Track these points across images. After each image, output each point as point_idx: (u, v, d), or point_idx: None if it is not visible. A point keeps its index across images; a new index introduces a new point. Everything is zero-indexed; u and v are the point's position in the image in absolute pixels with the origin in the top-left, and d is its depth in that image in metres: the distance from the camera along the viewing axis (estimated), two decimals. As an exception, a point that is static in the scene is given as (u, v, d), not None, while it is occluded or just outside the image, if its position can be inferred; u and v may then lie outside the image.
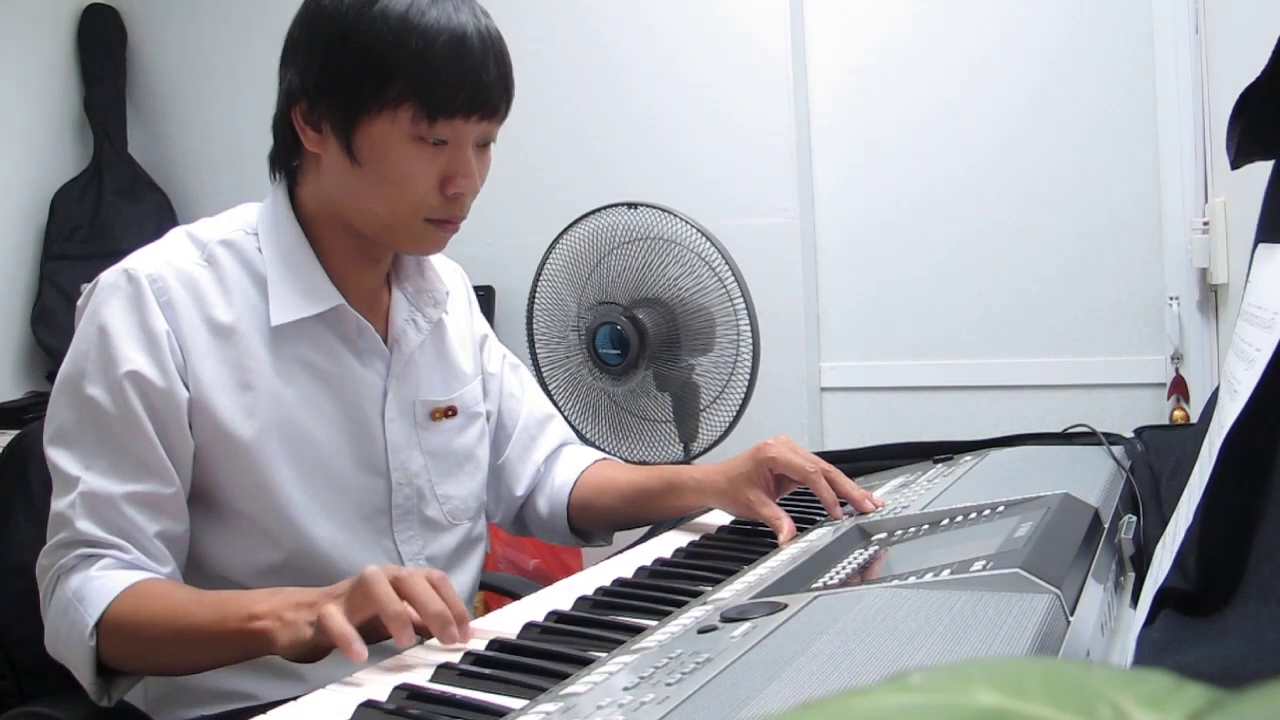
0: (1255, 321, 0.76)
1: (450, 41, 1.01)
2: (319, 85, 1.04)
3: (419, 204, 1.06)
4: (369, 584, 0.82)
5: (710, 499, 1.21)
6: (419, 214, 1.07)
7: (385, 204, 1.06)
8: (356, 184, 1.05)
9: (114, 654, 0.96)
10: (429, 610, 0.82)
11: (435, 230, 1.09)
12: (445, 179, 1.05)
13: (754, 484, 1.15)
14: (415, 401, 1.18)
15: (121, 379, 1.00)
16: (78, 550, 0.98)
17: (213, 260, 1.08)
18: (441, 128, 1.03)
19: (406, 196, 1.05)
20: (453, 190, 1.06)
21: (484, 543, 1.28)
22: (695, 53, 2.47)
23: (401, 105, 1.01)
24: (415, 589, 0.82)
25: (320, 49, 1.04)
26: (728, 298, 1.94)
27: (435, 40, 1.00)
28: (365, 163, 1.04)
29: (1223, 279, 1.89)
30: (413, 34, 1.00)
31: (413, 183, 1.04)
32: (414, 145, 1.03)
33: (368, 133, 1.03)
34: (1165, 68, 2.05)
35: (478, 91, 1.03)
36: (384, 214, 1.07)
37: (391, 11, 1.01)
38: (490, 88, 1.04)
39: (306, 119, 1.05)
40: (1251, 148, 0.83)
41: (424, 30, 1.00)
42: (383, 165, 1.04)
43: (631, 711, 0.61)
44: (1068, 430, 1.43)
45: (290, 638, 0.84)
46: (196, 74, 3.14)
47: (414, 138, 1.03)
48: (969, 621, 0.67)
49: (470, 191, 1.07)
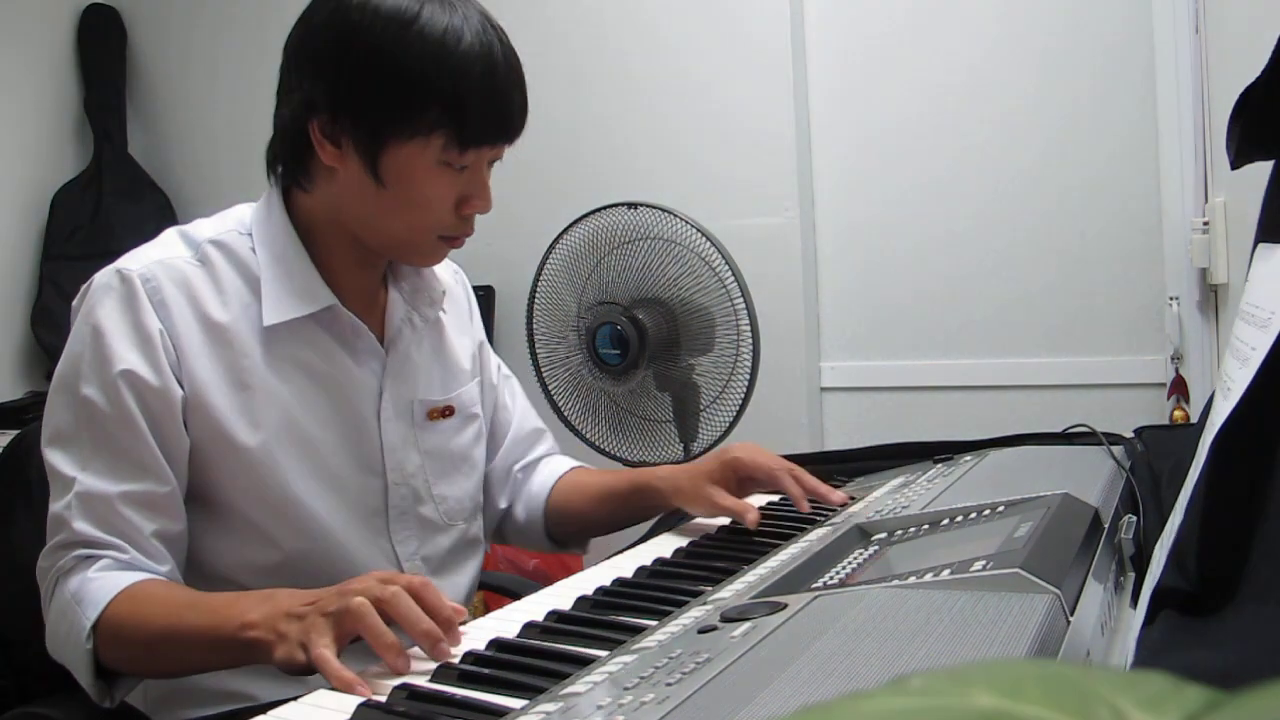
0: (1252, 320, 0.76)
1: (484, 72, 1.02)
2: (346, 103, 1.03)
3: (435, 225, 1.08)
4: (358, 616, 0.81)
5: (674, 498, 1.23)
6: (434, 233, 1.09)
7: (404, 224, 1.07)
8: (376, 204, 1.06)
9: (111, 656, 0.96)
10: (417, 630, 0.82)
11: (445, 246, 1.12)
12: (462, 200, 1.07)
13: (715, 482, 1.19)
14: (414, 401, 1.18)
15: (116, 378, 1.00)
16: (75, 551, 0.98)
17: (206, 260, 1.08)
18: (469, 155, 1.04)
19: (427, 218, 1.07)
20: (468, 210, 1.08)
21: (481, 545, 1.28)
22: (695, 53, 2.47)
23: (435, 133, 1.02)
24: (401, 608, 0.82)
25: (351, 67, 1.02)
26: (728, 298, 1.93)
27: (470, 70, 1.01)
28: (390, 185, 1.04)
29: (1222, 279, 1.89)
30: (449, 62, 1.00)
31: (434, 206, 1.06)
32: (440, 170, 1.04)
33: (395, 156, 1.03)
34: (1165, 68, 2.04)
35: (506, 120, 1.05)
36: (401, 233, 1.08)
37: (429, 36, 1.00)
38: (515, 116, 1.06)
39: (326, 133, 1.04)
40: (1251, 148, 0.83)
41: (459, 59, 1.01)
42: (408, 189, 1.05)
43: (631, 711, 0.61)
44: (1068, 430, 1.43)
45: (283, 655, 0.84)
46: (196, 74, 3.14)
47: (441, 164, 1.04)
48: (969, 621, 0.67)
49: (485, 212, 1.10)
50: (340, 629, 0.83)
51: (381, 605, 0.82)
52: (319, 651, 0.81)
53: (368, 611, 0.81)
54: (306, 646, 0.82)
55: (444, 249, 1.12)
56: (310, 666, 0.82)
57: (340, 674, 0.78)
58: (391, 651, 0.80)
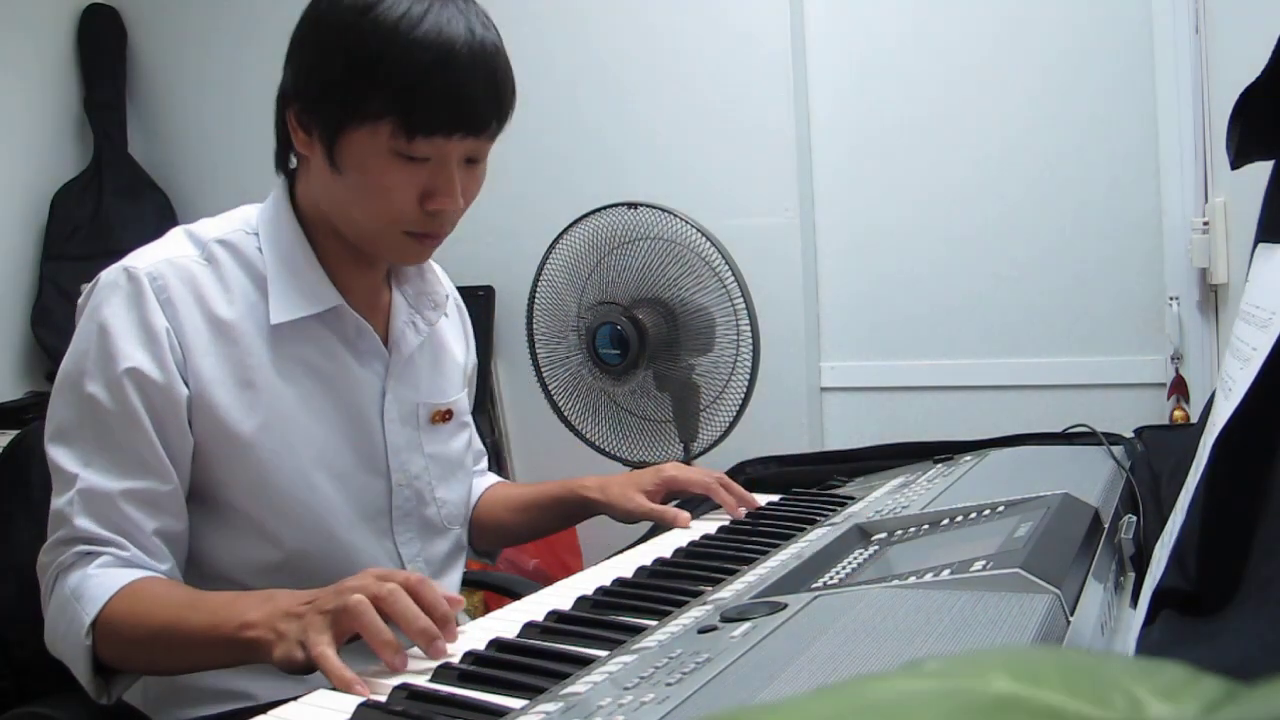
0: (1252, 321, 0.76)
1: (435, 59, 0.99)
2: (308, 90, 1.04)
3: (397, 217, 1.05)
4: (356, 614, 0.81)
5: (603, 502, 1.30)
6: (397, 226, 1.06)
7: (363, 213, 1.06)
8: (338, 191, 1.06)
9: (110, 653, 0.96)
10: (413, 628, 0.82)
11: (414, 243, 1.08)
12: (426, 194, 1.04)
13: (644, 490, 1.29)
14: (418, 404, 1.18)
15: (121, 376, 1.00)
16: (76, 547, 0.98)
17: (212, 259, 1.08)
18: (421, 145, 1.01)
19: (384, 209, 1.05)
20: (433, 206, 1.05)
21: (465, 551, 1.30)
22: (695, 53, 2.47)
23: (381, 120, 1.00)
24: (398, 606, 0.82)
25: (312, 54, 1.04)
26: (728, 298, 1.94)
27: (419, 57, 0.99)
28: (345, 171, 1.04)
29: (1223, 279, 1.89)
30: (396, 48, 0.98)
31: (391, 196, 1.03)
32: (393, 160, 1.02)
33: (348, 142, 1.02)
34: (1165, 68, 2.04)
35: (461, 110, 1.01)
36: (362, 222, 1.07)
37: (382, 24, 0.99)
38: (476, 106, 1.02)
39: (299, 121, 1.05)
40: (1251, 148, 0.83)
41: (409, 45, 0.98)
42: (362, 176, 1.03)
43: (631, 711, 0.61)
44: (1068, 430, 1.43)
45: (282, 654, 0.84)
46: (196, 74, 3.14)
47: (393, 152, 1.02)
48: (969, 621, 0.67)
49: (452, 210, 1.06)
50: (338, 627, 0.83)
51: (379, 603, 0.82)
52: (319, 650, 0.81)
53: (366, 609, 0.82)
54: (305, 645, 0.82)
55: (414, 245, 1.09)
56: (309, 665, 0.82)
57: (340, 672, 0.78)
58: (389, 649, 0.80)
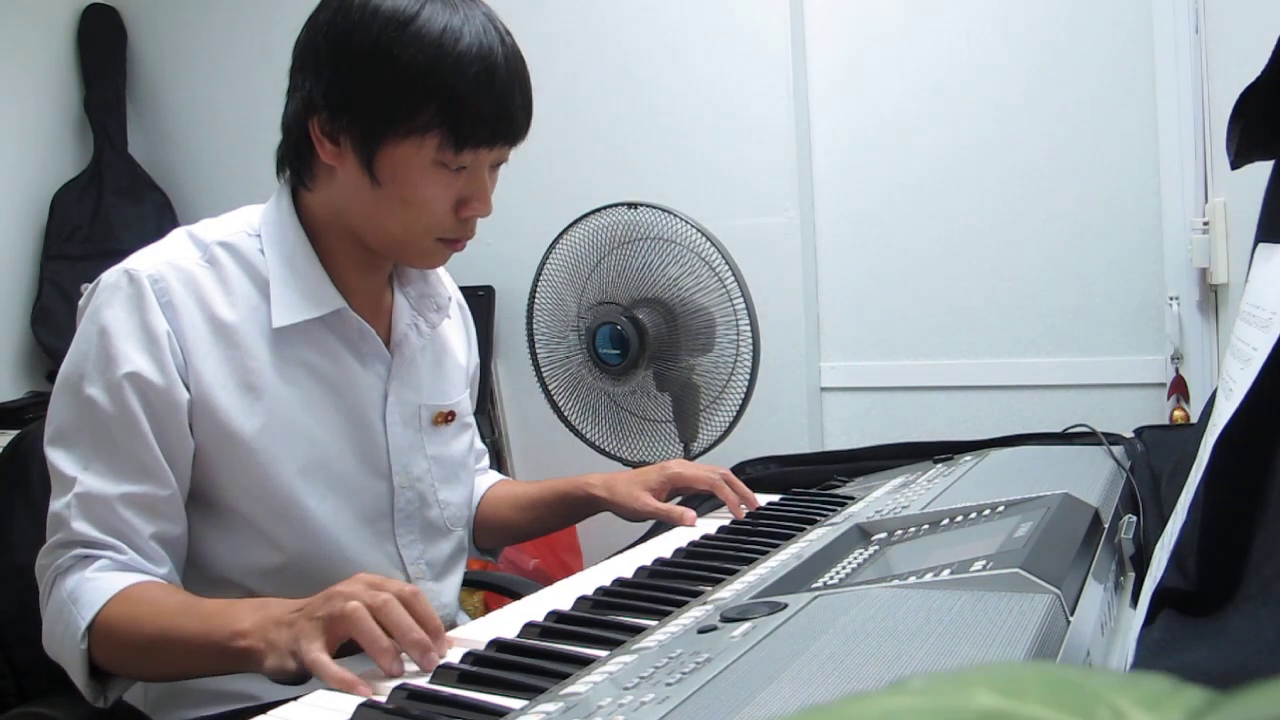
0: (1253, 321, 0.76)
1: (482, 72, 1.01)
2: (343, 101, 1.03)
3: (433, 225, 1.07)
4: (352, 620, 0.81)
5: (608, 499, 1.30)
6: (432, 234, 1.08)
7: (400, 224, 1.06)
8: (373, 202, 1.06)
9: (105, 657, 0.96)
10: (407, 639, 0.82)
11: (445, 249, 1.11)
12: (461, 202, 1.06)
13: (649, 489, 1.30)
14: (420, 406, 1.18)
15: (121, 380, 1.00)
16: (74, 551, 0.98)
17: (214, 261, 1.07)
18: (466, 156, 1.03)
19: (422, 218, 1.06)
20: (468, 213, 1.07)
21: (466, 553, 1.31)
22: (695, 52, 2.47)
23: (429, 133, 1.01)
24: (393, 617, 0.82)
25: (348, 64, 1.02)
26: (728, 298, 1.93)
27: (467, 70, 1.00)
28: (385, 184, 1.04)
29: (1223, 279, 1.89)
30: (446, 62, 1.00)
31: (430, 206, 1.05)
32: (434, 170, 1.04)
33: (391, 155, 1.03)
34: (1165, 68, 2.04)
35: (504, 121, 1.04)
36: (398, 233, 1.07)
37: (426, 35, 1.00)
38: (515, 117, 1.05)
39: (324, 131, 1.04)
40: (1251, 148, 0.83)
41: (457, 58, 1.00)
42: (403, 188, 1.04)
43: (631, 711, 0.61)
44: (1068, 430, 1.43)
45: (274, 664, 0.84)
46: (196, 74, 3.14)
47: (436, 163, 1.03)
48: (969, 621, 0.67)
49: (485, 215, 1.09)
50: (331, 633, 0.82)
51: (373, 612, 0.82)
52: (313, 656, 0.80)
53: (363, 616, 0.81)
54: (297, 653, 0.82)
55: (444, 251, 1.11)
56: (300, 675, 0.82)
57: (338, 675, 0.78)
58: (387, 655, 0.80)
